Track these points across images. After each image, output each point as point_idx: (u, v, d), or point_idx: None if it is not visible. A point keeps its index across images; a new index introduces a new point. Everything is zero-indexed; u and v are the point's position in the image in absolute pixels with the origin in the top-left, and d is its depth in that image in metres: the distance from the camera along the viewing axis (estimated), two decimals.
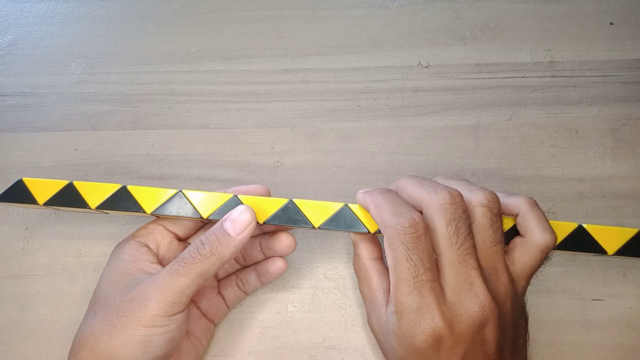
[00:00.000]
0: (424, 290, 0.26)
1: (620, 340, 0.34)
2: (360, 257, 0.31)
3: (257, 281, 0.34)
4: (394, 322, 0.27)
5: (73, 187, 0.31)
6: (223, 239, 0.28)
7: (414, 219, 0.26)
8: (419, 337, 0.26)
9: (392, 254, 0.26)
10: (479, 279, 0.26)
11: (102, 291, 0.30)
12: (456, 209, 0.27)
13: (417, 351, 0.26)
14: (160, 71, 0.42)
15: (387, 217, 0.27)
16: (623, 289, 0.35)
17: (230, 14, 0.44)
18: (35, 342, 0.35)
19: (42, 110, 0.41)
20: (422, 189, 0.28)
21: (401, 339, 0.26)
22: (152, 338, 0.27)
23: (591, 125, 0.39)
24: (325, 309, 0.35)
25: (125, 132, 0.40)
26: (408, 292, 0.26)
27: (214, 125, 0.40)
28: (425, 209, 0.27)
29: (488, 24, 0.42)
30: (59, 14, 0.44)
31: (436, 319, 0.26)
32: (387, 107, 0.40)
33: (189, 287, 0.27)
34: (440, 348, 0.26)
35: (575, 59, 0.41)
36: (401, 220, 0.26)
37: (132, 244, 0.31)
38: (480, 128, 0.39)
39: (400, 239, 0.26)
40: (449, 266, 0.26)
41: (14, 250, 0.37)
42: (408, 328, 0.26)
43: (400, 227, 0.26)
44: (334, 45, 0.42)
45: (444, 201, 0.27)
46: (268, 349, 0.34)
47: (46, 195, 0.31)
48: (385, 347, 0.29)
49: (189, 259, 0.28)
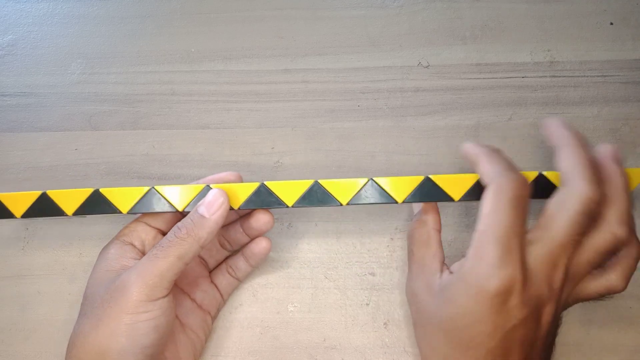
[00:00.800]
0: (514, 241, 0.26)
1: (620, 340, 0.34)
2: (427, 224, 0.31)
3: (247, 265, 0.34)
4: (467, 267, 0.27)
5: (47, 196, 0.31)
6: (198, 221, 0.29)
7: (525, 181, 0.27)
8: (493, 282, 0.25)
9: (495, 201, 0.26)
10: (563, 268, 0.27)
11: (88, 290, 0.30)
12: (595, 209, 0.27)
13: (485, 297, 0.26)
14: (161, 71, 0.42)
15: (499, 169, 0.28)
16: None
17: (230, 14, 0.44)
18: (35, 342, 0.35)
19: (42, 110, 0.41)
20: (587, 171, 0.27)
21: (472, 283, 0.26)
22: (137, 325, 0.27)
23: (591, 125, 0.39)
24: (325, 309, 0.35)
25: (125, 132, 0.40)
26: (499, 237, 0.26)
27: (214, 125, 0.40)
28: (572, 186, 0.27)
29: (488, 24, 0.42)
30: (59, 14, 0.44)
31: (516, 271, 0.26)
32: (387, 107, 0.40)
33: (168, 270, 0.28)
34: (508, 302, 0.26)
35: (575, 59, 0.41)
36: (517, 176, 0.27)
37: (115, 243, 0.31)
38: (480, 128, 0.39)
39: (508, 191, 0.26)
40: (548, 241, 0.27)
41: (14, 250, 0.37)
42: (485, 271, 0.26)
43: (512, 181, 0.27)
44: (334, 45, 0.42)
45: (594, 197, 0.27)
46: (268, 349, 0.34)
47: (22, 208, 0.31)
48: (430, 306, 0.29)
49: (166, 243, 0.28)
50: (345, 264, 0.36)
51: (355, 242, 0.36)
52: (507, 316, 0.26)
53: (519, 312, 0.26)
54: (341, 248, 0.36)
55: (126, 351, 0.27)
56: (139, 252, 0.31)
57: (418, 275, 0.31)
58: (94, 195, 0.31)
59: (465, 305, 0.26)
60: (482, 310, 0.26)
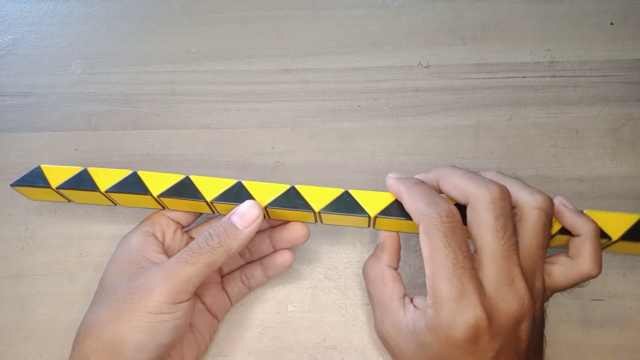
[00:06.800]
0: (464, 277, 0.25)
1: (620, 340, 0.34)
2: (380, 261, 0.31)
3: (263, 275, 0.34)
4: (430, 315, 0.26)
5: (87, 173, 0.32)
6: (231, 231, 0.29)
7: (451, 209, 0.26)
8: (459, 328, 0.25)
9: (429, 242, 0.26)
10: (520, 276, 0.26)
11: (108, 280, 0.30)
12: (505, 205, 0.27)
13: (455, 344, 0.25)
14: (161, 71, 0.42)
15: (422, 206, 0.27)
16: (623, 289, 0.35)
17: (230, 14, 0.44)
18: (35, 342, 0.35)
19: (42, 110, 0.41)
20: (471, 182, 0.27)
21: (439, 333, 0.26)
22: (158, 325, 0.27)
23: (591, 125, 0.39)
24: (325, 309, 0.35)
25: (125, 132, 0.40)
26: (448, 279, 0.25)
27: (214, 125, 0.40)
28: (473, 201, 0.27)
29: (488, 24, 0.42)
30: (59, 14, 0.44)
31: (477, 309, 0.25)
32: (387, 107, 0.40)
33: (195, 277, 0.28)
34: (479, 342, 0.25)
35: (575, 59, 0.41)
36: (438, 209, 0.26)
37: (138, 233, 0.31)
38: (480, 128, 0.39)
39: (437, 227, 0.26)
40: (492, 260, 0.26)
41: (14, 250, 0.37)
42: (448, 318, 0.25)
43: (438, 216, 0.26)
44: (334, 45, 0.42)
45: (494, 195, 0.26)
46: (268, 349, 0.34)
47: (59, 180, 0.32)
48: (406, 351, 0.28)
49: (197, 249, 0.28)
50: (345, 264, 0.36)
51: (355, 242, 0.36)
52: (482, 354, 0.26)
53: (493, 346, 0.26)
54: (341, 248, 0.36)
55: (144, 348, 0.27)
56: (160, 244, 0.31)
57: (383, 316, 0.30)
58: (131, 177, 0.32)
59: (440, 351, 0.26)
60: (457, 355, 0.26)
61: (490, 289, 0.26)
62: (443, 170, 0.30)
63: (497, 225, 0.26)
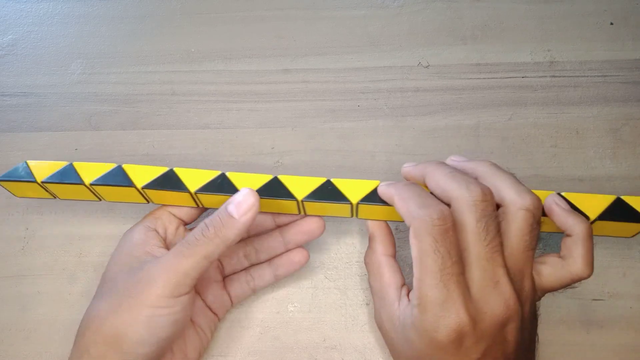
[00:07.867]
0: (450, 283, 0.25)
1: (621, 340, 0.34)
2: (375, 251, 0.31)
3: (272, 276, 0.34)
4: (415, 315, 0.26)
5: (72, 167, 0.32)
6: (227, 221, 0.28)
7: (443, 211, 0.26)
8: (442, 332, 0.25)
9: (419, 246, 0.26)
10: (505, 278, 0.26)
11: (109, 274, 0.30)
12: (487, 206, 0.26)
13: (438, 346, 0.26)
14: (161, 71, 0.42)
15: (413, 209, 0.27)
16: (623, 289, 0.35)
17: (230, 14, 0.44)
18: (35, 342, 0.35)
19: (42, 110, 0.41)
20: (454, 182, 0.27)
21: (422, 333, 0.26)
22: (157, 319, 0.27)
23: (591, 125, 0.39)
24: (325, 309, 0.35)
25: (125, 132, 0.40)
26: (434, 284, 0.25)
27: (214, 125, 0.40)
28: (455, 202, 0.27)
29: (488, 24, 0.42)
30: (59, 14, 0.44)
31: (461, 314, 0.25)
32: (387, 107, 0.40)
33: (193, 269, 0.28)
34: (462, 344, 0.26)
35: (575, 59, 0.41)
36: (429, 211, 0.26)
37: (140, 228, 0.31)
38: (480, 128, 0.39)
39: (427, 231, 0.26)
40: (475, 262, 0.26)
41: (14, 250, 0.37)
42: (432, 322, 0.25)
43: (429, 219, 0.26)
44: (334, 45, 0.42)
45: (476, 197, 0.26)
46: (268, 349, 0.34)
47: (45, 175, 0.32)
48: (396, 342, 0.29)
49: (193, 241, 0.28)
50: (345, 264, 0.36)
51: (355, 242, 0.36)
52: (466, 356, 0.26)
53: (478, 349, 0.26)
54: (341, 248, 0.36)
55: (143, 341, 0.27)
56: (162, 239, 0.31)
57: (380, 307, 0.30)
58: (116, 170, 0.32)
59: (424, 350, 0.26)
60: (440, 356, 0.26)
61: (475, 291, 0.26)
62: (429, 166, 0.29)
63: (479, 227, 0.26)
